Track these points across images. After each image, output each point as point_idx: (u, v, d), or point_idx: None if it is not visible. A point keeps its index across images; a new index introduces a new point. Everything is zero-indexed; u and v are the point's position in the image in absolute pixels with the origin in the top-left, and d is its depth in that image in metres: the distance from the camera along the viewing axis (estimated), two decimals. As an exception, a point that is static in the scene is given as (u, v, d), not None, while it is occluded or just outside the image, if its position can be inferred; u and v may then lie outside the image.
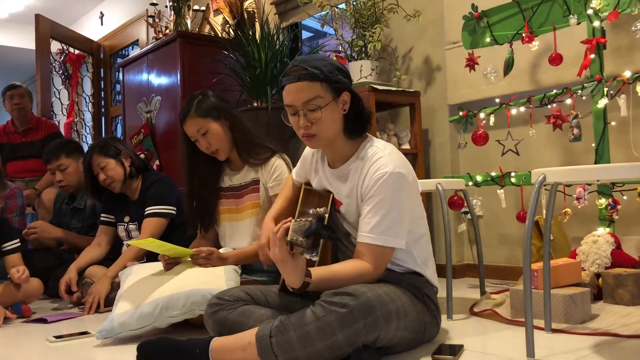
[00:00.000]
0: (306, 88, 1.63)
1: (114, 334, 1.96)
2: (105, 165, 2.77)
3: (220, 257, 2.16)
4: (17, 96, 4.15)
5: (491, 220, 3.15)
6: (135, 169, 2.86)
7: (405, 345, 1.63)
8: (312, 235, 1.40)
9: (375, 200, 1.62)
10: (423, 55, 3.43)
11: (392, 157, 1.66)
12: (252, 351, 1.45)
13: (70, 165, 3.23)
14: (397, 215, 1.61)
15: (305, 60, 1.65)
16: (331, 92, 1.65)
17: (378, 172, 1.62)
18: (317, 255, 1.42)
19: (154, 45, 4.10)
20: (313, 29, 4.73)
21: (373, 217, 1.61)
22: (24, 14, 6.88)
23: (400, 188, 1.62)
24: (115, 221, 2.94)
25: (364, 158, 1.70)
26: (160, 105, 4.04)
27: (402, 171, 1.63)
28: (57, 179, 3.23)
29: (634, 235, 2.52)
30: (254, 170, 2.36)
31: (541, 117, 2.66)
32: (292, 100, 1.66)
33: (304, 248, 1.41)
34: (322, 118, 1.64)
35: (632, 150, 2.55)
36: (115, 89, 6.18)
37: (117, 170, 2.79)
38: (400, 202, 1.62)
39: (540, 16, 2.57)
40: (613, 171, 1.57)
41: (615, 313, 2.03)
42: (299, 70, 1.63)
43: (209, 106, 2.31)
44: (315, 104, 1.63)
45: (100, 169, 2.77)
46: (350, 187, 1.71)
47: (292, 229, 1.44)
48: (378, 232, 1.60)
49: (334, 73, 1.65)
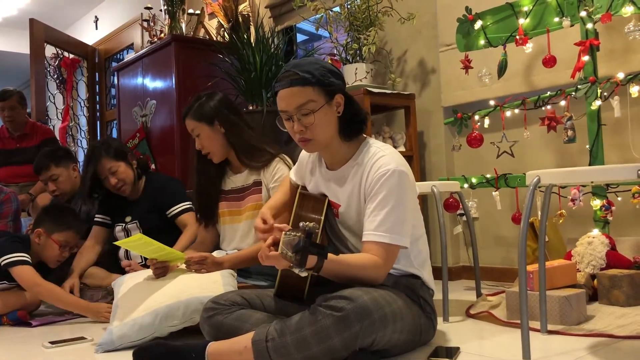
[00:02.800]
0: (298, 93, 1.63)
1: (113, 346, 1.92)
2: (116, 169, 2.71)
3: (215, 262, 2.15)
4: (8, 109, 4.08)
5: (487, 222, 3.16)
6: (141, 170, 2.85)
7: (401, 348, 1.63)
8: (300, 251, 1.39)
9: (379, 197, 1.61)
10: (417, 58, 3.44)
11: (393, 156, 1.67)
12: (249, 355, 1.45)
13: (62, 174, 3.21)
14: (401, 213, 1.61)
15: (297, 65, 1.65)
16: (324, 95, 1.65)
17: (381, 169, 1.63)
18: (305, 270, 1.42)
19: (149, 49, 4.10)
20: (308, 32, 4.74)
21: (378, 214, 1.61)
22: (18, 19, 6.86)
23: (403, 186, 1.62)
24: (111, 222, 2.90)
25: (364, 159, 1.70)
26: (155, 109, 4.03)
27: (404, 169, 1.64)
28: (50, 189, 3.22)
29: (629, 237, 2.52)
30: (255, 172, 2.36)
31: (535, 119, 2.67)
32: (285, 105, 1.66)
33: (292, 263, 1.40)
34: (315, 122, 1.64)
35: (625, 151, 2.56)
36: (110, 93, 6.17)
37: (128, 173, 2.75)
38: (404, 199, 1.62)
39: (533, 18, 2.58)
40: (607, 172, 1.58)
41: (611, 314, 2.03)
42: (291, 75, 1.63)
43: (205, 111, 2.32)
44: (308, 108, 1.63)
45: (111, 173, 2.70)
46: (351, 188, 1.71)
47: (282, 242, 1.43)
48: (384, 230, 1.60)
49: (326, 76, 1.65)
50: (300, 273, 1.42)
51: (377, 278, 1.59)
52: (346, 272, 1.55)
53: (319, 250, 1.43)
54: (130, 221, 2.81)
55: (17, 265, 2.44)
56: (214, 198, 2.42)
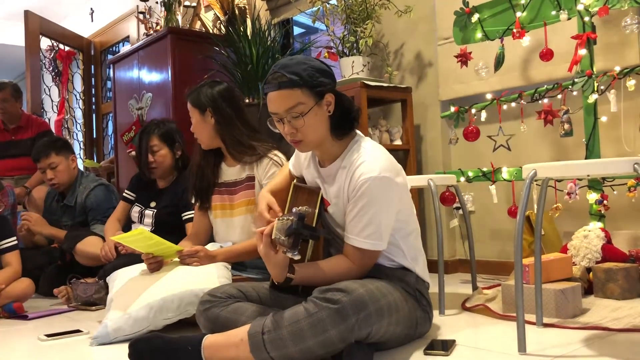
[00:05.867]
0: (287, 96, 1.61)
1: (108, 339, 1.92)
2: (158, 149, 2.79)
3: (208, 255, 2.15)
4: (0, 101, 4.05)
5: (483, 216, 3.16)
6: (181, 164, 2.89)
7: (397, 340, 1.64)
8: (293, 234, 1.40)
9: (360, 205, 1.62)
10: (414, 51, 3.43)
11: (378, 159, 1.65)
12: (245, 348, 1.45)
13: (61, 163, 3.21)
14: (381, 220, 1.63)
15: (285, 66, 1.63)
16: (313, 96, 1.63)
17: (362, 176, 1.62)
18: (298, 254, 1.43)
19: (145, 42, 4.07)
20: (304, 25, 4.72)
21: (359, 221, 1.63)
22: (13, 11, 6.81)
23: (384, 192, 1.62)
24: (134, 200, 2.95)
25: (350, 159, 1.69)
26: (151, 101, 4.02)
27: (387, 174, 1.62)
28: (48, 177, 3.21)
29: (625, 230, 2.53)
30: (249, 167, 2.35)
31: (532, 112, 2.67)
32: (274, 108, 1.65)
33: (285, 247, 1.42)
34: (306, 124, 1.64)
35: (622, 145, 2.56)
36: (106, 86, 6.14)
37: (167, 158, 2.82)
38: (385, 206, 1.63)
39: (531, 12, 2.58)
40: (603, 166, 1.58)
41: (606, 307, 2.04)
42: (278, 78, 1.62)
43: (200, 97, 2.34)
44: (297, 111, 1.62)
45: (151, 151, 2.79)
46: (338, 188, 1.72)
47: (276, 227, 1.45)
48: (364, 236, 1.62)
49: (315, 76, 1.63)
50: (293, 256, 1.44)
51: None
52: (320, 282, 1.56)
53: (311, 232, 1.44)
54: (153, 207, 2.86)
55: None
56: (211, 181, 2.41)
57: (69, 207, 3.27)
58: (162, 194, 2.88)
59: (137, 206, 2.91)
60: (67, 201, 3.27)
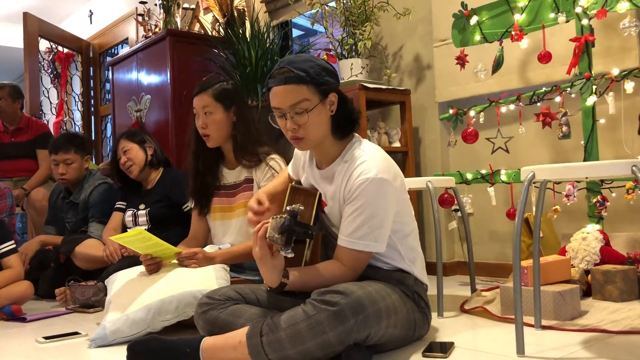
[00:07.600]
0: (293, 91, 1.62)
1: (107, 342, 1.92)
2: (128, 149, 2.92)
3: (206, 257, 2.15)
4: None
5: (481, 218, 3.16)
6: (157, 160, 2.99)
7: (395, 343, 1.64)
8: (286, 231, 1.41)
9: (355, 206, 1.62)
10: (413, 53, 3.43)
11: (375, 161, 1.65)
12: (243, 350, 1.45)
13: (76, 161, 3.25)
14: (377, 221, 1.62)
15: (292, 62, 1.64)
16: (318, 94, 1.64)
17: (360, 177, 1.62)
18: (291, 252, 1.43)
19: (144, 44, 4.08)
20: (303, 27, 4.72)
21: (353, 222, 1.62)
22: (12, 12, 6.82)
23: (381, 194, 1.62)
24: (125, 208, 3.00)
25: (348, 161, 1.69)
26: (150, 104, 4.02)
27: (385, 176, 1.62)
28: (59, 171, 3.20)
29: (623, 232, 2.53)
30: (247, 170, 2.35)
31: (531, 114, 2.67)
32: (278, 103, 1.65)
33: (279, 244, 1.42)
34: (309, 121, 1.64)
35: (620, 147, 2.57)
36: (105, 88, 6.14)
37: (139, 155, 2.93)
38: (382, 207, 1.62)
39: (529, 14, 2.58)
40: (602, 168, 1.58)
41: (604, 309, 2.04)
42: (285, 73, 1.62)
43: (227, 95, 2.32)
44: (302, 107, 1.63)
45: (122, 153, 2.92)
46: (334, 190, 1.72)
47: (270, 227, 1.45)
48: (357, 237, 1.62)
49: (321, 75, 1.64)
50: (287, 254, 1.44)
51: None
52: (313, 287, 1.55)
53: (304, 229, 1.44)
54: (143, 208, 2.90)
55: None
56: (210, 185, 2.40)
57: (75, 204, 3.28)
58: (150, 193, 2.94)
59: (129, 210, 2.95)
60: (73, 198, 3.29)
